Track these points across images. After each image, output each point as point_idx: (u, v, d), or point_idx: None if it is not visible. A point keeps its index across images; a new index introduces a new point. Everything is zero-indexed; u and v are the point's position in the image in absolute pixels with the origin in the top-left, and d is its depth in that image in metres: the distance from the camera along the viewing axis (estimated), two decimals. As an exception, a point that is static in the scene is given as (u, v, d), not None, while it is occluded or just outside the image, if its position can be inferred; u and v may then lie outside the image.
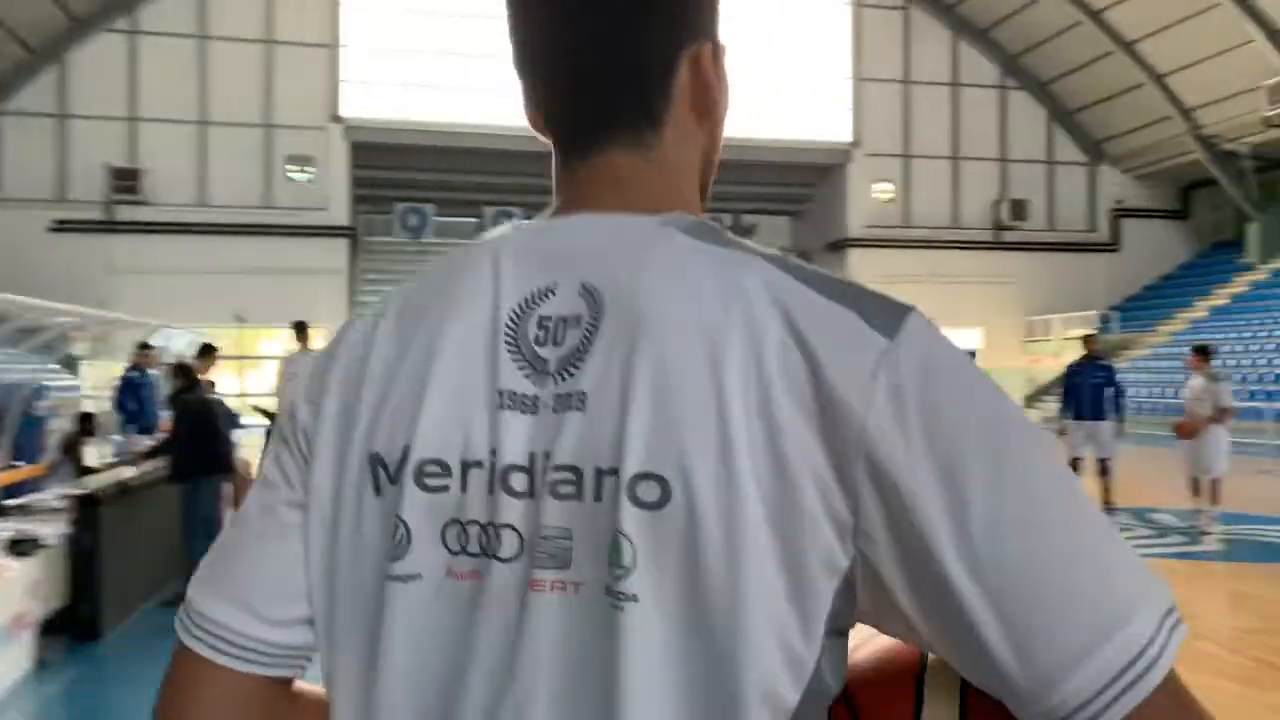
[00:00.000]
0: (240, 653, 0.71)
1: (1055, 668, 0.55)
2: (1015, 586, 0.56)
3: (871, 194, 30.77)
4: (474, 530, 0.65)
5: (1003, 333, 30.96)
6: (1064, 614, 0.56)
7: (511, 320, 0.68)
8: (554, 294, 0.67)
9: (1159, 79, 27.44)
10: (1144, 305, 30.26)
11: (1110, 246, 31.78)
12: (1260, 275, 26.54)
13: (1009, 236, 31.01)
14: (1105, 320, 28.11)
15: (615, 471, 0.61)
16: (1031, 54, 30.22)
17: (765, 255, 0.66)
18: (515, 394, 0.66)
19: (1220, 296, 27.18)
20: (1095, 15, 26.78)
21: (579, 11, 0.71)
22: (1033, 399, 28.46)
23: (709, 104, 0.75)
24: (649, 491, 0.60)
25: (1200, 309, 27.10)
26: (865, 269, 29.94)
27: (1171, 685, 0.56)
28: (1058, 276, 31.13)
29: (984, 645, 0.56)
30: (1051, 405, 27.60)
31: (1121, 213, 31.72)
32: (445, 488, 0.66)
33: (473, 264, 0.71)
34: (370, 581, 0.67)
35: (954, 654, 0.60)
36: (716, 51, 0.75)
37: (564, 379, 0.65)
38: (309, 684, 0.77)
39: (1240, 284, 27.03)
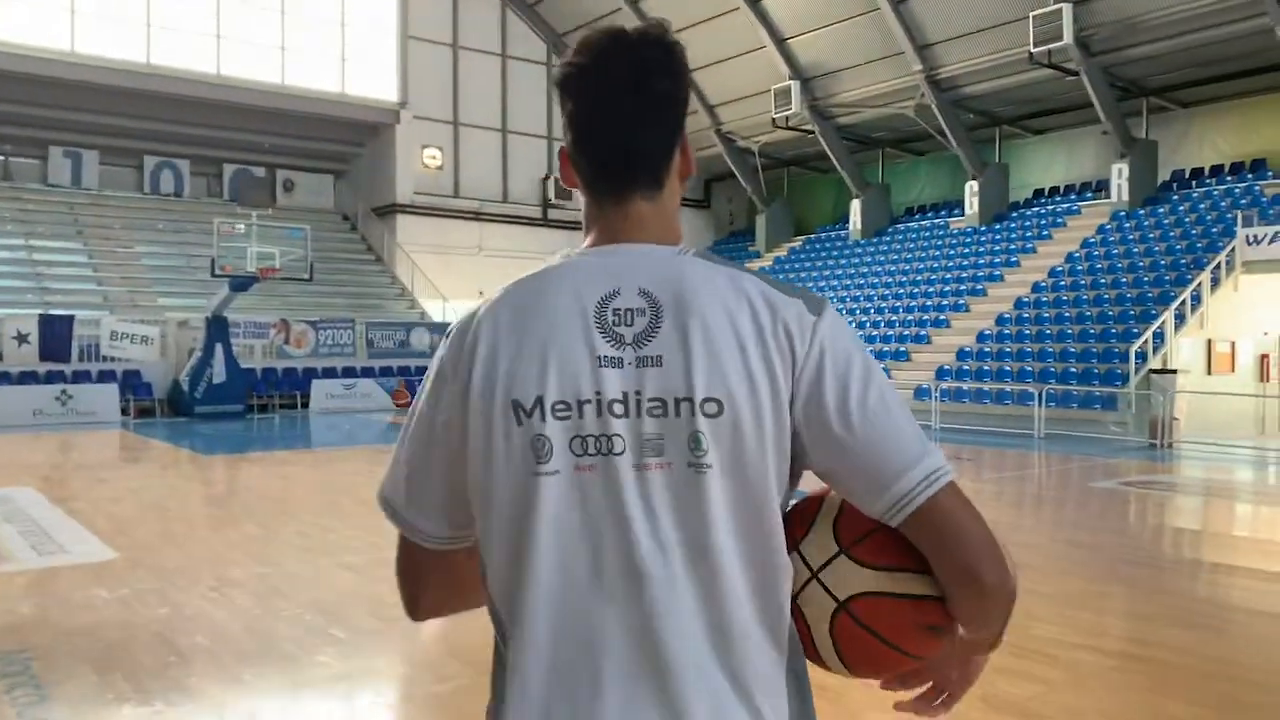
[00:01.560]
0: (440, 542, 1.20)
1: (893, 475, 1.07)
2: (871, 433, 1.08)
3: (420, 159, 29.47)
4: (590, 440, 1.09)
5: (548, 308, 31.45)
6: (897, 448, 1.08)
7: (596, 310, 1.10)
8: (619, 294, 1.11)
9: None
10: (673, 285, 32.49)
11: (645, 229, 33.70)
12: (765, 262, 29.72)
13: (555, 215, 31.57)
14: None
15: (689, 399, 1.08)
16: (576, 35, 30.35)
17: (748, 270, 1.15)
18: (607, 357, 1.09)
19: (735, 279, 29.93)
20: (633, 3, 27.92)
21: (625, 117, 1.16)
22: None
23: (686, 172, 1.22)
24: (711, 408, 1.07)
25: (719, 290, 29.63)
26: (415, 238, 28.67)
27: (955, 488, 1.09)
28: (599, 255, 32.32)
29: (855, 465, 1.09)
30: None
31: (655, 198, 33.75)
32: (569, 416, 1.09)
33: (556, 278, 1.14)
34: (520, 477, 1.09)
35: (837, 473, 1.11)
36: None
37: (641, 347, 1.09)
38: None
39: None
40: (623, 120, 1.15)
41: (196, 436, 16.61)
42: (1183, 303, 17.30)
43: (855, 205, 28.75)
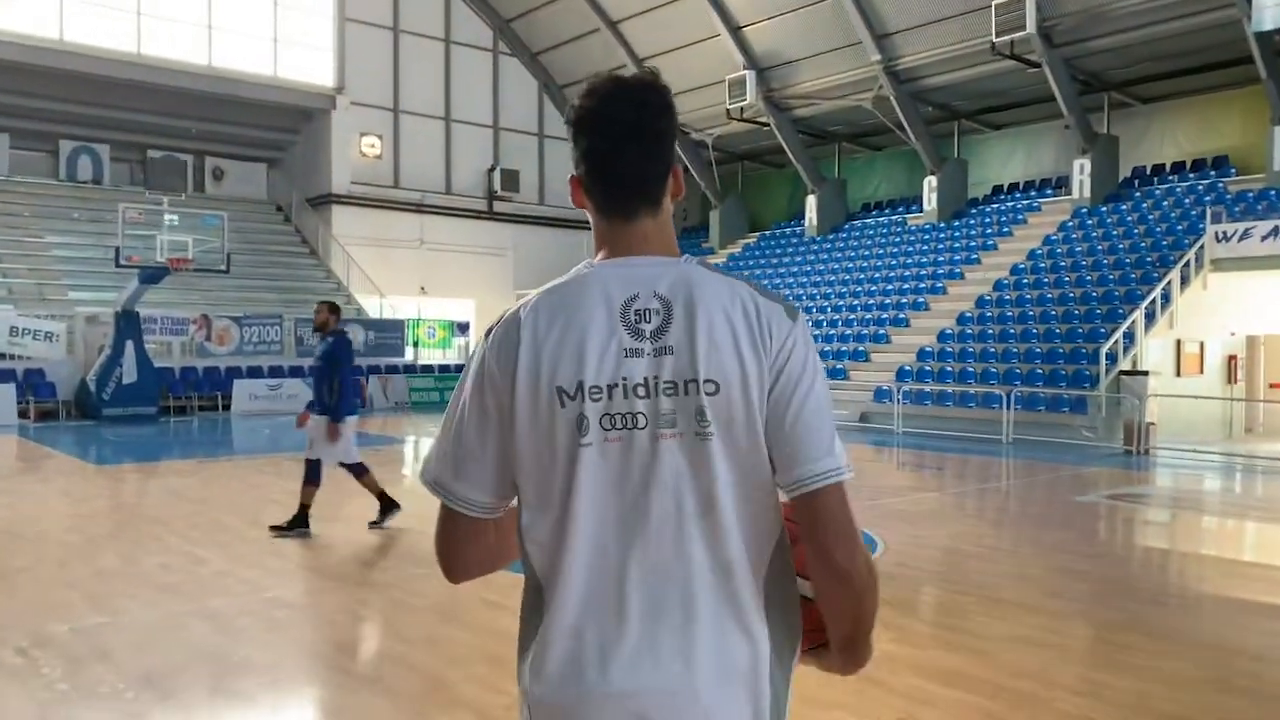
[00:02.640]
0: (484, 512, 1.40)
1: (804, 460, 1.33)
2: (801, 426, 1.33)
3: (358, 148, 28.01)
4: (618, 417, 1.33)
5: (495, 305, 30.14)
6: (816, 441, 1.33)
7: (621, 311, 1.34)
8: (639, 298, 1.35)
9: (639, 62, 28.31)
10: (623, 282, 31.35)
11: (595, 224, 32.56)
12: (719, 260, 28.74)
13: (501, 207, 30.31)
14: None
15: (695, 380, 1.32)
16: (523, 21, 29.68)
17: (740, 277, 1.41)
18: (632, 349, 1.33)
19: (688, 276, 28.91)
20: (584, -12, 26.78)
21: (631, 153, 1.41)
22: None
23: (677, 192, 1.47)
24: (710, 387, 1.32)
25: (671, 287, 28.60)
26: (351, 230, 27.23)
27: (842, 489, 1.34)
28: (547, 251, 31.17)
29: (784, 443, 1.33)
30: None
31: (605, 192, 32.62)
32: (601, 398, 1.32)
33: (587, 284, 1.37)
34: (565, 449, 1.33)
35: (773, 450, 1.34)
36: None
37: (657, 340, 1.34)
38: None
39: (704, 265, 28.99)
40: (629, 156, 1.41)
41: (101, 443, 15.17)
42: (1152, 301, 16.60)
43: (811, 201, 27.89)
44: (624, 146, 1.39)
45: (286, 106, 27.20)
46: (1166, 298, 16.84)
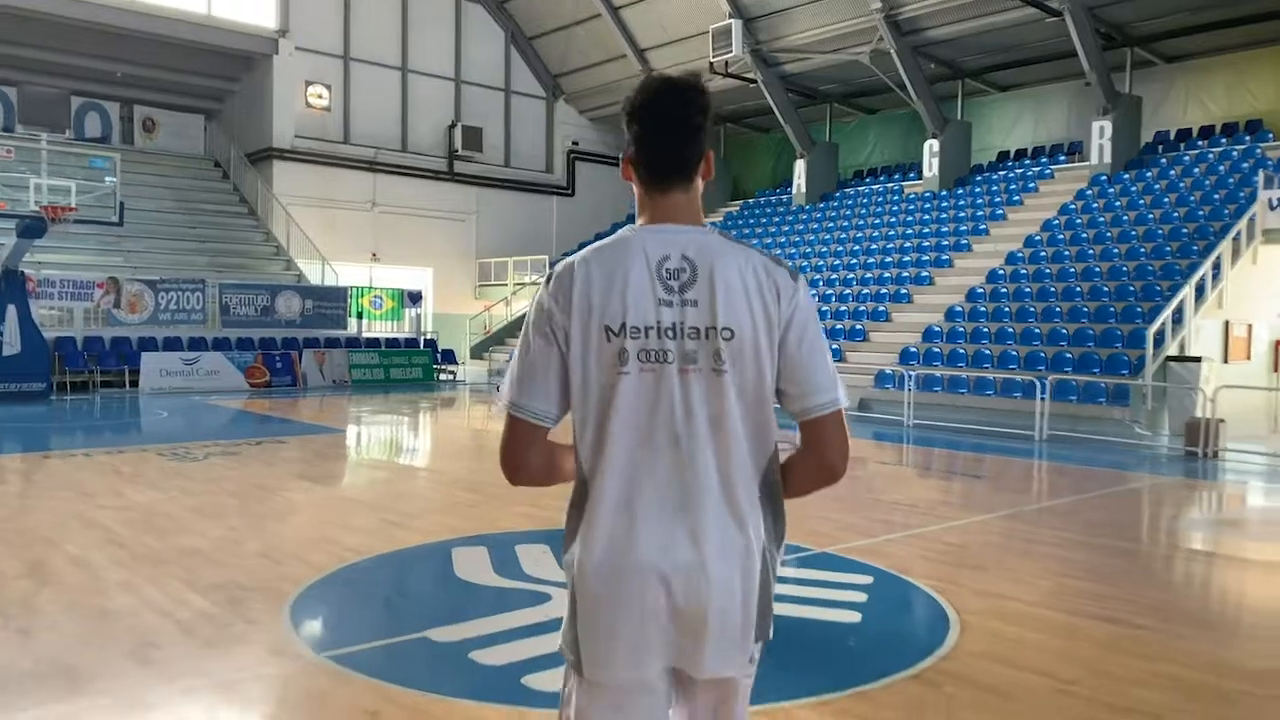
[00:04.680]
0: (545, 420, 1.73)
1: (812, 392, 1.73)
2: (809, 365, 1.72)
3: (304, 98, 25.34)
4: (652, 353, 1.67)
5: (455, 273, 27.78)
6: (821, 379, 1.73)
7: (655, 267, 1.69)
8: (670, 258, 1.70)
9: (615, 11, 25.87)
10: (595, 252, 29.00)
11: (564, 190, 30.18)
12: (700, 227, 26.42)
13: (463, 168, 27.78)
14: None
15: (714, 327, 1.67)
16: (490, -38, 27.13)
17: (754, 246, 1.76)
18: (663, 299, 1.68)
19: (664, 246, 26.56)
20: (555, -76, 24.24)
21: (676, 136, 1.75)
22: (483, 348, 25.55)
23: (707, 175, 1.80)
24: (727, 334, 1.67)
25: (646, 258, 26.26)
26: (295, 188, 24.62)
27: (841, 414, 1.76)
28: (513, 216, 28.75)
29: (794, 380, 1.72)
30: (500, 356, 25.15)
31: (577, 155, 30.25)
32: (639, 337, 1.67)
33: (630, 244, 1.71)
34: (608, 376, 1.68)
35: (783, 380, 1.72)
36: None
37: (684, 293, 1.68)
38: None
39: (682, 234, 26.64)
40: (670, 142, 1.75)
41: (-37, 425, 12.70)
42: (1201, 277, 14.46)
43: (799, 166, 25.62)
44: (667, 135, 1.75)
45: (223, 50, 24.48)
46: (1215, 273, 14.72)
